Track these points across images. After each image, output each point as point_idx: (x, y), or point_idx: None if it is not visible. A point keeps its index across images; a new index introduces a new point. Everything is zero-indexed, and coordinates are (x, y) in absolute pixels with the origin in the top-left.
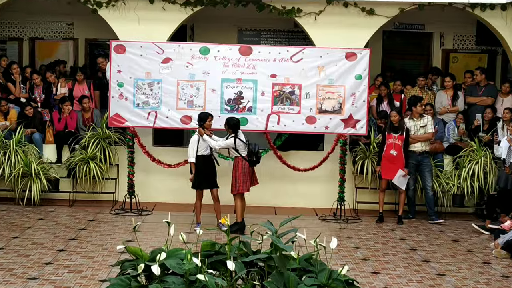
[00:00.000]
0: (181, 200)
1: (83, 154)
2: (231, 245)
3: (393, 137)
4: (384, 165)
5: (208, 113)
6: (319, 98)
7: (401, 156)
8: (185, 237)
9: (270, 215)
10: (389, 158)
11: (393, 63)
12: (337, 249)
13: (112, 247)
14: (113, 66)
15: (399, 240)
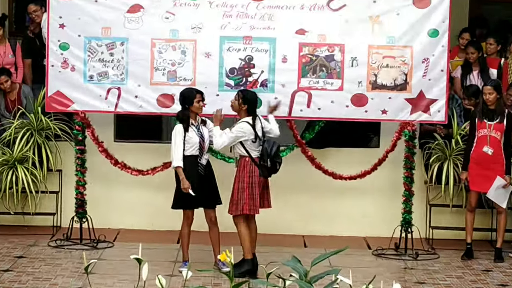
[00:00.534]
0: (160, 225)
1: (7, 154)
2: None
3: (488, 127)
4: (473, 171)
5: (195, 89)
6: (372, 66)
7: (500, 156)
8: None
9: (296, 248)
10: (481, 159)
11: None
12: None
13: None
14: (52, 19)
15: (497, 286)
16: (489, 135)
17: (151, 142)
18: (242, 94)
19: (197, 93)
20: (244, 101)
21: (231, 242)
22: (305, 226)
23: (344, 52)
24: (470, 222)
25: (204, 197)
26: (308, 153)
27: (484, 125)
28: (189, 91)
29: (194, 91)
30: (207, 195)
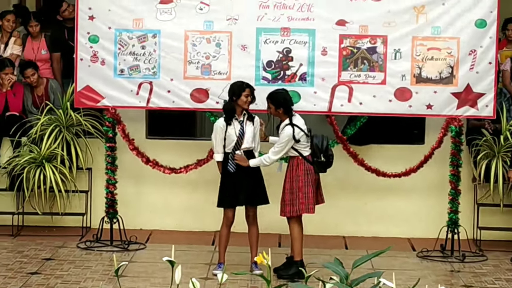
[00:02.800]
0: (193, 226)
1: (35, 152)
2: None
3: None
4: None
5: (246, 83)
6: (416, 58)
7: None
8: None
9: (337, 249)
10: None
11: None
12: None
13: None
14: (82, 10)
15: None
16: None
17: (185, 139)
18: (271, 99)
19: (247, 87)
20: (277, 105)
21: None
22: (346, 227)
23: (387, 44)
24: None
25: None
26: (350, 150)
27: None
28: (239, 84)
29: (244, 85)
30: (250, 192)
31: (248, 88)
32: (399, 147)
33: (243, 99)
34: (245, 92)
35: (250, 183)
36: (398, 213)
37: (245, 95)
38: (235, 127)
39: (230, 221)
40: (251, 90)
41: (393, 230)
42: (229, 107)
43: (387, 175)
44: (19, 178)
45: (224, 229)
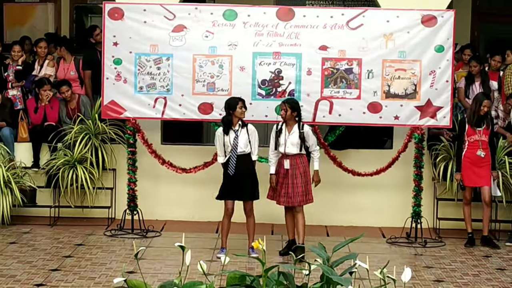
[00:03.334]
0: (200, 217)
1: (68, 155)
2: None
3: (478, 133)
4: (468, 170)
5: (238, 98)
6: (386, 78)
7: (488, 156)
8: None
9: (320, 236)
10: (475, 160)
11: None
12: (412, 283)
13: (108, 280)
14: (107, 37)
15: (496, 270)
16: (480, 140)
17: (193, 145)
18: (289, 103)
19: (239, 100)
20: (293, 109)
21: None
22: (327, 217)
23: (361, 65)
24: (468, 214)
25: (240, 191)
26: (331, 154)
27: (474, 132)
28: (233, 99)
29: (237, 99)
30: (243, 190)
31: (240, 101)
32: (371, 151)
33: (239, 111)
34: (239, 104)
35: (246, 182)
36: (371, 206)
37: (240, 107)
38: (230, 136)
39: (229, 212)
40: (243, 102)
41: (366, 220)
42: (227, 120)
43: (361, 174)
44: (55, 177)
45: (225, 219)
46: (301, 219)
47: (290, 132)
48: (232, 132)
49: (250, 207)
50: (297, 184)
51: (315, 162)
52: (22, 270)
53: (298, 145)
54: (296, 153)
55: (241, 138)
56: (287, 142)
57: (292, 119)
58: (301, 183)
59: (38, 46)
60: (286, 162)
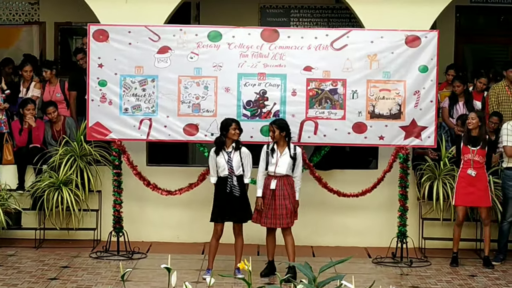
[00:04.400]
0: (186, 238)
1: (54, 177)
2: None
3: (471, 152)
4: (461, 189)
5: (231, 119)
6: (370, 98)
7: (483, 176)
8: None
9: (306, 257)
10: (467, 179)
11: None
12: None
13: None
14: (92, 59)
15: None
16: (472, 159)
17: (179, 166)
18: (276, 124)
19: (233, 122)
20: (281, 129)
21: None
22: (313, 238)
23: (346, 86)
24: (458, 235)
25: (232, 213)
26: (316, 174)
27: (468, 150)
28: (227, 120)
29: (230, 120)
30: (235, 211)
31: (234, 122)
32: (357, 171)
33: (232, 132)
34: (232, 126)
35: (238, 203)
36: (356, 226)
37: (233, 129)
38: (224, 157)
39: (219, 233)
40: (237, 124)
41: (352, 240)
42: (219, 141)
43: (347, 195)
44: (40, 199)
45: (213, 240)
46: (290, 239)
47: (282, 153)
48: (224, 153)
49: (240, 228)
50: (285, 206)
51: (296, 191)
52: None
53: (290, 166)
54: (285, 174)
55: (234, 160)
56: (279, 162)
57: (282, 139)
58: (289, 204)
59: (24, 70)
60: (273, 182)
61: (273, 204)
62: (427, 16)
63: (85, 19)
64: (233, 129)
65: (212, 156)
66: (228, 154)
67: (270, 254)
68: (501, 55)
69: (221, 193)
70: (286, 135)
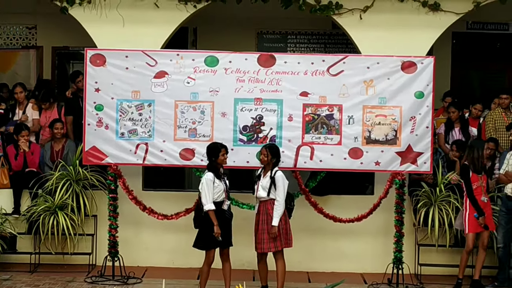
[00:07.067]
0: (181, 263)
1: (49, 202)
2: None
3: (480, 179)
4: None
5: (220, 144)
6: (366, 123)
7: (489, 202)
8: None
9: (301, 283)
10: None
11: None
12: None
13: None
14: (89, 84)
15: None
16: (482, 186)
17: (175, 191)
18: (270, 149)
19: (221, 147)
20: (273, 155)
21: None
22: (309, 264)
23: (342, 111)
24: (465, 261)
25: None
26: (311, 199)
27: (477, 178)
28: (215, 146)
29: (219, 146)
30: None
31: (223, 148)
32: (352, 197)
33: (221, 158)
34: (221, 152)
35: (227, 228)
36: (352, 252)
37: (222, 154)
38: (221, 182)
39: (211, 260)
40: (225, 149)
41: (348, 266)
42: (212, 166)
43: (342, 220)
44: (36, 223)
45: (205, 266)
46: (280, 265)
47: (264, 176)
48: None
49: (227, 252)
50: (267, 230)
51: (274, 216)
52: None
53: (267, 189)
54: (266, 198)
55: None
56: (259, 186)
57: (270, 165)
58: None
59: (15, 91)
60: (257, 206)
61: (257, 229)
62: (424, 42)
63: (82, 43)
64: (222, 155)
65: (211, 180)
66: (223, 178)
67: (263, 279)
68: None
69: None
70: (275, 162)
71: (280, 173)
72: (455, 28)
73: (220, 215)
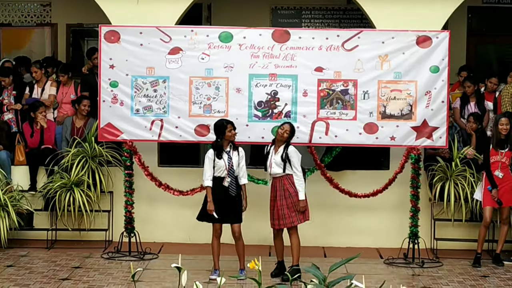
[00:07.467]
0: (197, 239)
1: (65, 178)
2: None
3: (500, 154)
4: (487, 190)
5: (225, 120)
6: (381, 98)
7: (508, 176)
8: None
9: (317, 257)
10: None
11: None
12: None
13: None
14: (104, 60)
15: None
16: (500, 162)
17: (190, 167)
18: (292, 127)
19: (227, 123)
20: (292, 133)
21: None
22: (325, 239)
23: (357, 86)
24: (483, 236)
25: (227, 214)
26: (327, 175)
27: (496, 153)
28: (220, 124)
29: (225, 122)
30: (230, 213)
31: (229, 124)
32: (368, 172)
33: (228, 134)
34: (228, 128)
35: (234, 204)
36: (368, 227)
37: (229, 130)
38: (223, 157)
39: (218, 233)
40: (232, 125)
41: (363, 241)
42: (217, 145)
43: (358, 195)
44: (52, 200)
45: (214, 240)
46: (295, 240)
47: (276, 153)
48: (224, 154)
49: (239, 230)
50: (286, 206)
51: (299, 191)
52: None
53: (281, 165)
54: (281, 173)
55: (234, 160)
56: (272, 163)
57: (283, 141)
58: (291, 203)
59: (32, 71)
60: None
61: (275, 205)
62: (439, 16)
63: (97, 20)
64: (229, 131)
65: (211, 159)
66: (228, 154)
67: (279, 254)
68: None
69: (217, 194)
70: (289, 139)
71: (292, 147)
72: (471, 2)
73: (224, 191)
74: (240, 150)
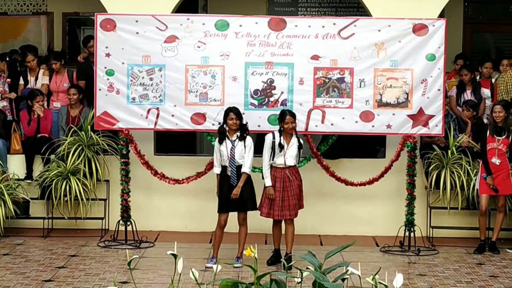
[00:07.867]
0: (193, 227)
1: (61, 167)
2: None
3: (497, 141)
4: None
5: (230, 108)
6: (377, 86)
7: (505, 164)
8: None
9: (313, 246)
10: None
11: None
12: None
13: None
14: (100, 49)
15: (489, 277)
16: (497, 149)
17: (186, 155)
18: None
19: (230, 111)
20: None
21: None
22: (321, 227)
23: (353, 74)
24: (483, 223)
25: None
26: (323, 163)
27: (493, 139)
28: (226, 110)
29: (228, 110)
30: (233, 201)
31: (231, 112)
32: (364, 160)
33: (229, 122)
34: (229, 116)
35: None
36: (364, 215)
37: (230, 118)
38: (227, 146)
39: (223, 224)
40: (235, 113)
41: (360, 229)
42: (221, 130)
43: (354, 184)
44: (48, 188)
45: (217, 230)
46: (291, 228)
47: (289, 144)
48: (228, 142)
49: (244, 217)
50: (298, 196)
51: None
52: (16, 281)
53: (297, 157)
54: (294, 164)
55: (237, 149)
56: (287, 154)
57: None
58: (298, 194)
59: (27, 60)
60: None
61: (284, 195)
62: (435, 4)
63: (93, 9)
64: (230, 119)
65: (216, 146)
66: (232, 143)
67: (277, 242)
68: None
69: (224, 183)
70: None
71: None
72: None
73: (227, 180)
74: (246, 140)
